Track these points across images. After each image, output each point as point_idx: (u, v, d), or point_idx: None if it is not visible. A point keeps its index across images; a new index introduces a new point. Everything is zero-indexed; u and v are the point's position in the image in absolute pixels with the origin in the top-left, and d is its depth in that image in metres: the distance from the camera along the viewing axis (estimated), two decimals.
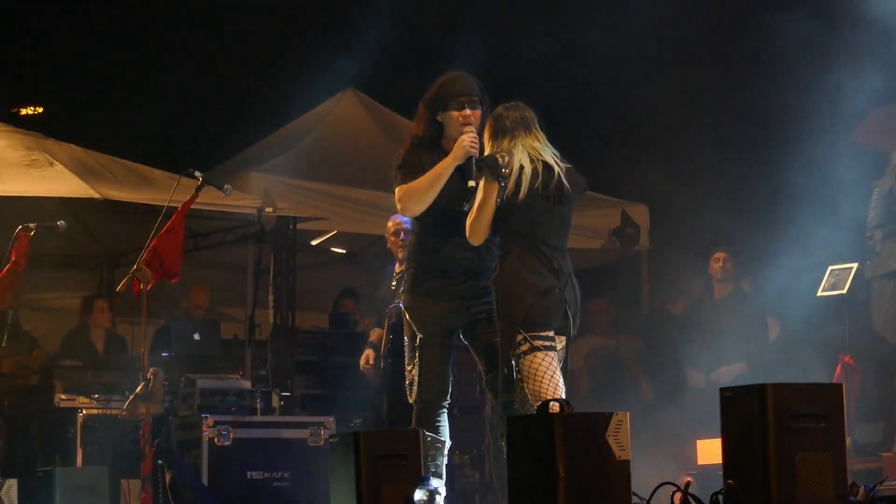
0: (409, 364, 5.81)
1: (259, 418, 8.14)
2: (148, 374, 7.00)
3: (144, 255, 6.84)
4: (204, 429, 7.85)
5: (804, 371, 8.66)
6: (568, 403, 4.79)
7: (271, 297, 9.73)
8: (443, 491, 5.55)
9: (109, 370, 8.72)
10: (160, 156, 10.35)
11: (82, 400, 8.41)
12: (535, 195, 5.51)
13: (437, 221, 5.78)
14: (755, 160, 10.88)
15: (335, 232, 11.38)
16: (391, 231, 8.07)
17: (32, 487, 7.63)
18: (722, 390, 4.48)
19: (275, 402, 8.28)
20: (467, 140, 5.64)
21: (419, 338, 5.76)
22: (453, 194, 5.71)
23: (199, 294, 10.25)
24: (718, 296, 9.45)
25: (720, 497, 4.39)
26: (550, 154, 5.61)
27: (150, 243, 6.87)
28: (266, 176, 10.10)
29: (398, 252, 8.00)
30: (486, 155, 5.58)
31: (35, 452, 8.40)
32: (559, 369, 5.47)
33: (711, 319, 9.26)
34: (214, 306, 10.79)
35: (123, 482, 8.05)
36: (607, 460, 4.51)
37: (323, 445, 7.99)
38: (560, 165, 5.60)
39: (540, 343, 5.43)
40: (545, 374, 5.40)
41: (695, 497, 4.49)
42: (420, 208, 5.74)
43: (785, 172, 9.15)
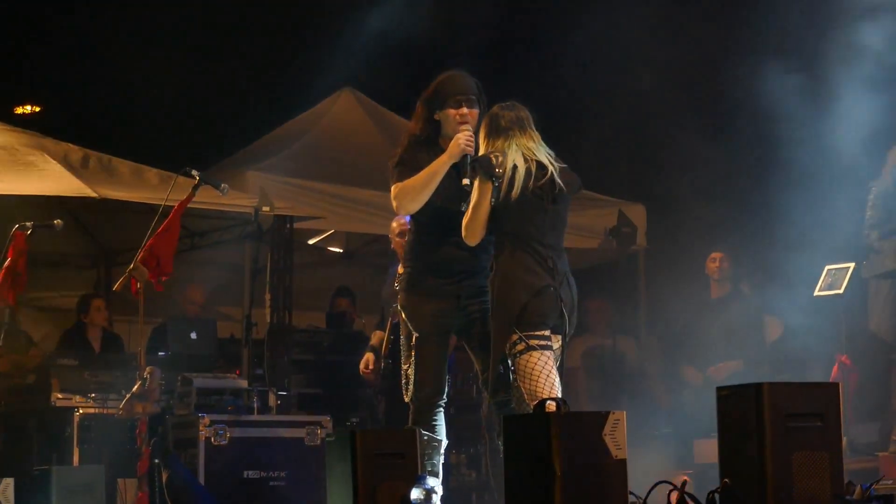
0: (406, 363, 5.81)
1: (256, 417, 8.13)
2: (144, 373, 6.99)
3: (141, 254, 6.83)
4: (200, 428, 7.85)
5: (801, 370, 8.66)
6: (564, 402, 4.79)
7: (268, 296, 9.71)
8: (439, 490, 5.56)
9: (106, 369, 8.70)
10: (157, 155, 10.33)
11: (79, 399, 8.39)
12: (529, 194, 5.51)
13: (433, 221, 5.78)
14: (752, 159, 10.87)
15: (332, 231, 11.37)
16: (395, 232, 7.98)
17: (29, 487, 7.59)
18: (719, 389, 4.49)
19: (271, 402, 8.28)
20: (463, 138, 5.63)
21: (415, 337, 5.75)
22: (449, 193, 5.70)
23: (194, 290, 10.26)
24: (715, 295, 9.45)
25: (717, 496, 4.39)
26: (545, 153, 5.61)
27: (147, 242, 6.86)
28: (263, 175, 10.09)
29: (402, 253, 7.95)
30: (480, 155, 5.58)
31: (31, 451, 8.37)
32: (556, 368, 5.47)
33: (708, 318, 9.26)
34: (211, 305, 10.79)
35: (120, 481, 8.03)
36: (604, 459, 4.51)
37: (320, 444, 7.99)
38: (554, 165, 5.59)
39: (536, 342, 5.43)
40: (541, 374, 5.39)
41: (691, 496, 4.49)
42: (415, 206, 5.73)
43: (783, 172, 9.15)
